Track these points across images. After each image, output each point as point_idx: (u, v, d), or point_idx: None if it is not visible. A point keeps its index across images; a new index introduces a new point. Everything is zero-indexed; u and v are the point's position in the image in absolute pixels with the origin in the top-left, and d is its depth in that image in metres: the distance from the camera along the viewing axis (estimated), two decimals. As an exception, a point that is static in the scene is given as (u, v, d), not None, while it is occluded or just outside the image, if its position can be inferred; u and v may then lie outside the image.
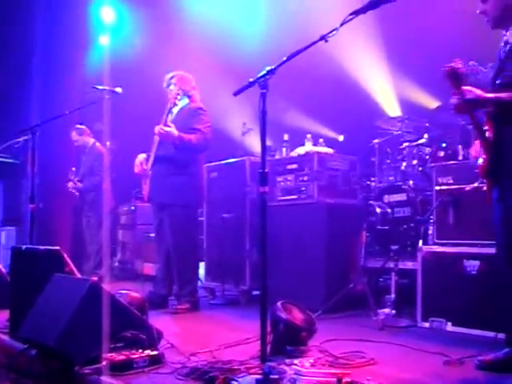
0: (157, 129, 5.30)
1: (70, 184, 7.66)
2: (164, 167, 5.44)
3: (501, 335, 3.56)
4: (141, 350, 3.30)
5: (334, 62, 7.15)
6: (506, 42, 3.27)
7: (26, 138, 5.58)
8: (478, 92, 3.19)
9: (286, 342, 3.56)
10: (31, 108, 8.83)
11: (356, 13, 2.97)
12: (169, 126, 5.26)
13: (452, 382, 3.20)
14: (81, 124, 7.92)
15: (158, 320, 4.15)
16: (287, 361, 3.25)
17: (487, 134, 3.28)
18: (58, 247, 4.02)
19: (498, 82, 3.25)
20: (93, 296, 3.25)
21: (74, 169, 7.78)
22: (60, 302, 3.41)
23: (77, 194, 7.77)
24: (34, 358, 3.20)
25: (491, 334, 4.00)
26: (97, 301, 3.22)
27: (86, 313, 3.19)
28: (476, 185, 4.31)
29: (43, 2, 9.17)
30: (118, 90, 5.30)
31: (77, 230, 8.10)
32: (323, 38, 3.02)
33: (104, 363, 3.06)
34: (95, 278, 6.09)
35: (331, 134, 7.57)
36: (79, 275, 4.23)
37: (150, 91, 6.06)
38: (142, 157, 5.60)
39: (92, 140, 7.89)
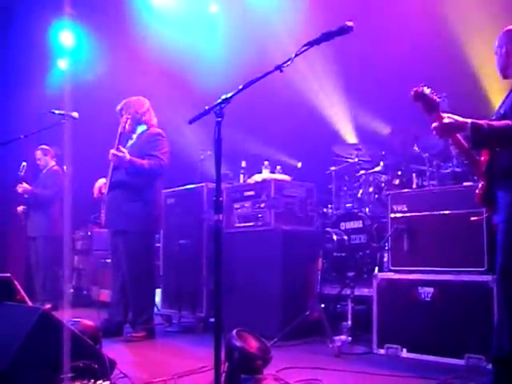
0: (110, 154, 5.27)
1: (20, 187, 7.51)
2: (119, 193, 5.38)
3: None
4: (93, 381, 3.22)
5: (291, 89, 7.21)
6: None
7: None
8: (458, 118, 3.15)
9: (240, 370, 3.53)
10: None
11: (310, 44, 3.01)
12: (121, 152, 5.22)
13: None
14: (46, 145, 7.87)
15: (112, 348, 4.09)
16: (242, 390, 3.23)
17: (482, 158, 3.27)
18: (8, 274, 3.92)
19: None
20: (44, 325, 3.17)
21: (24, 163, 7.63)
22: (9, 331, 3.30)
23: (21, 209, 7.66)
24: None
25: (445, 359, 4.08)
26: (48, 330, 3.15)
27: (36, 342, 3.11)
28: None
29: (1, 25, 9.09)
30: (75, 114, 5.26)
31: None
32: (278, 67, 3.04)
33: (54, 394, 2.99)
34: (48, 306, 5.97)
35: (289, 160, 7.62)
36: (31, 303, 4.14)
37: (109, 115, 6.02)
38: (101, 181, 5.54)
39: (53, 162, 7.91)
